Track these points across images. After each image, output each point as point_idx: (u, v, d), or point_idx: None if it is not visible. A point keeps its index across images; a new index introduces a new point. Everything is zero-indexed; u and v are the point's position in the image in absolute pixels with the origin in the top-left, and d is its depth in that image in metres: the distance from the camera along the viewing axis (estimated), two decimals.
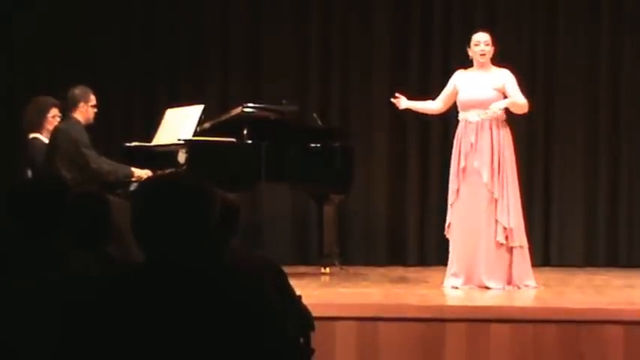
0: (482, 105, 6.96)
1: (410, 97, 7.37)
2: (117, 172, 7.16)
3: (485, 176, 6.86)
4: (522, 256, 6.94)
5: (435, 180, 8.98)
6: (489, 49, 7.02)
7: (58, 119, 7.33)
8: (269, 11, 9.33)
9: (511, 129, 7.04)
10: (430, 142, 9.10)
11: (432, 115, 7.79)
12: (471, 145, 6.92)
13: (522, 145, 8.18)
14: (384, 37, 9.29)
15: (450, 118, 7.68)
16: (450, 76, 7.27)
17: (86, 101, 7.15)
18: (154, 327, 2.42)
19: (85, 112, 7.15)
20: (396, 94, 7.35)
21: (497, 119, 6.95)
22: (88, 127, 7.21)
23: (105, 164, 7.11)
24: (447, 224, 7.06)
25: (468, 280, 6.88)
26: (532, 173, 9.05)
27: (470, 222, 6.90)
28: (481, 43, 7.01)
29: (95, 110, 7.21)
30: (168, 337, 2.42)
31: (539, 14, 9.23)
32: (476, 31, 7.15)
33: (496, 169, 6.89)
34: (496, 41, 7.11)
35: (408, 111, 7.49)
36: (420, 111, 7.48)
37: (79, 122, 7.13)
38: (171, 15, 9.24)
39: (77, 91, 7.16)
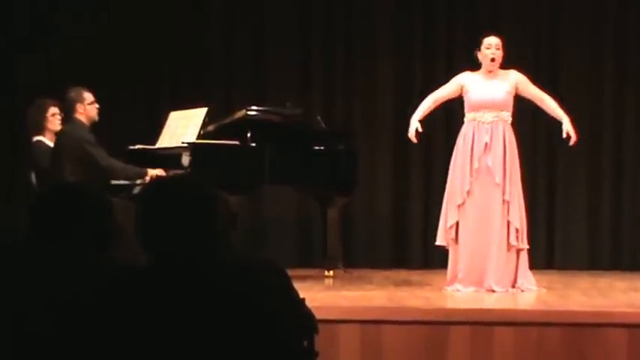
0: (496, 106, 6.92)
1: (411, 98, 7.30)
2: (127, 171, 7.14)
3: (498, 177, 6.84)
4: (524, 259, 6.94)
5: (440, 182, 8.92)
6: (500, 54, 6.97)
7: (59, 117, 7.33)
8: (272, 14, 9.34)
9: (514, 130, 7.03)
10: (434, 144, 9.08)
11: (431, 112, 7.34)
12: (486, 144, 6.87)
13: (526, 147, 8.15)
14: (387, 38, 9.29)
15: (454, 119, 7.67)
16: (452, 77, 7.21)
17: (82, 101, 7.13)
18: (158, 328, 2.42)
19: (85, 111, 7.13)
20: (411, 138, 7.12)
21: (505, 121, 6.94)
22: (94, 127, 7.20)
23: (115, 162, 7.11)
24: (448, 226, 7.03)
25: (476, 285, 6.85)
26: (535, 175, 9.04)
27: (482, 223, 6.86)
28: (492, 46, 6.92)
29: (96, 106, 7.17)
30: (173, 338, 2.42)
31: (543, 15, 9.23)
32: (485, 34, 7.06)
33: (508, 170, 6.88)
34: (504, 45, 7.06)
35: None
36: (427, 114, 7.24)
37: (82, 123, 7.12)
38: (175, 17, 9.24)
39: (71, 94, 7.15)
